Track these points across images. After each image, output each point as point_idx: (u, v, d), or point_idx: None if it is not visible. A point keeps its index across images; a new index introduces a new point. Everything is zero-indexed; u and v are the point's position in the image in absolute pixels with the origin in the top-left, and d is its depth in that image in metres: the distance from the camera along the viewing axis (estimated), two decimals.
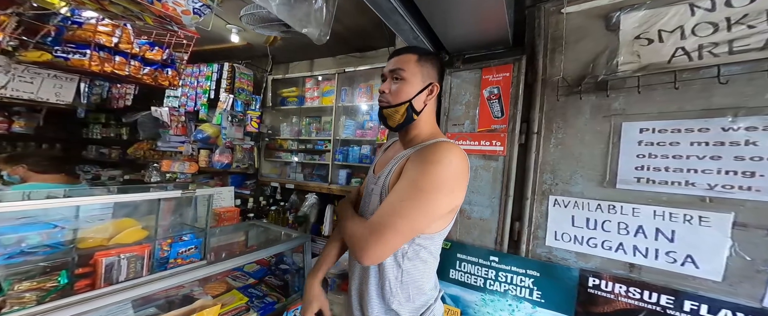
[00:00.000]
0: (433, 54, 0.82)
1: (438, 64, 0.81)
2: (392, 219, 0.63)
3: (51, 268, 0.69)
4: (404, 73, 0.75)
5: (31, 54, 0.90)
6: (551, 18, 1.20)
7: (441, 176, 0.65)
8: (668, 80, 0.97)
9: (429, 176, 0.64)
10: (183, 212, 1.01)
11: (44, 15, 0.85)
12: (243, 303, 1.31)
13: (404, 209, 0.63)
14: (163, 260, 0.88)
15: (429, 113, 0.80)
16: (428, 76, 0.77)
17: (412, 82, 0.75)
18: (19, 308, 0.63)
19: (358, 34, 2.16)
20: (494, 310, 1.27)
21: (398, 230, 0.63)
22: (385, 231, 0.63)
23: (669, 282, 0.97)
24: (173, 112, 2.87)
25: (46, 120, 2.95)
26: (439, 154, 0.66)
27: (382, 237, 0.63)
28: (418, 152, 0.70)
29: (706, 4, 0.92)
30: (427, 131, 0.80)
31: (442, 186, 0.65)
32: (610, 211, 1.07)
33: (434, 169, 0.64)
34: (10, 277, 0.65)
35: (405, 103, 0.75)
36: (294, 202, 2.72)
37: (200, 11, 0.87)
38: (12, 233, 0.64)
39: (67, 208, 0.72)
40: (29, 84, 1.11)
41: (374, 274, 0.76)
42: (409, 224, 0.64)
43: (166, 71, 1.24)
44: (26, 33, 0.86)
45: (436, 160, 0.65)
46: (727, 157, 0.89)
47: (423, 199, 0.63)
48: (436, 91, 0.79)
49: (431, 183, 0.64)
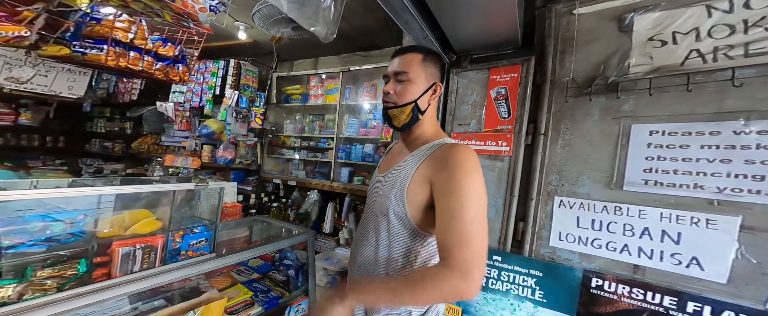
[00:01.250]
0: (436, 53, 0.82)
1: (440, 63, 0.81)
2: (476, 245, 0.62)
3: (71, 256, 0.70)
4: (409, 74, 0.76)
5: (52, 48, 0.92)
6: (562, 19, 1.20)
7: (481, 182, 0.66)
8: (680, 82, 0.97)
9: (477, 184, 0.65)
10: (193, 205, 1.02)
11: (66, 11, 0.87)
12: (248, 297, 1.33)
13: (479, 228, 0.63)
14: (175, 252, 0.89)
15: (432, 112, 0.81)
16: (432, 76, 0.78)
17: (417, 83, 0.76)
18: (40, 295, 0.64)
19: (363, 33, 2.17)
20: (496, 309, 1.28)
21: (484, 249, 0.63)
22: (478, 258, 0.61)
23: (673, 284, 0.97)
24: (178, 107, 2.88)
25: (53, 113, 2.96)
26: (472, 161, 0.67)
27: (478, 265, 0.61)
28: (445, 159, 0.69)
29: (724, 5, 0.92)
30: (431, 130, 0.81)
31: (484, 190, 0.66)
32: (616, 212, 1.07)
33: (477, 176, 0.66)
34: (32, 264, 0.67)
35: (410, 103, 0.75)
36: (296, 199, 2.74)
37: (216, 8, 0.88)
38: (38, 221, 0.66)
39: (89, 197, 0.74)
40: (44, 77, 1.13)
41: (383, 273, 0.76)
42: (486, 237, 0.64)
43: (177, 67, 1.25)
44: (47, 28, 0.88)
45: (472, 167, 0.66)
46: (738, 160, 0.90)
47: (482, 209, 0.64)
48: (439, 91, 0.79)
49: (482, 192, 0.65)
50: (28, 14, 0.84)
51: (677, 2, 0.98)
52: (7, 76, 1.01)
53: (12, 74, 1.02)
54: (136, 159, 3.71)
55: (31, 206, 0.68)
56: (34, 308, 0.64)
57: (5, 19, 0.84)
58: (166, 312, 0.95)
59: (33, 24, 0.85)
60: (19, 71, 1.03)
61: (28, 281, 0.66)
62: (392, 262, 0.75)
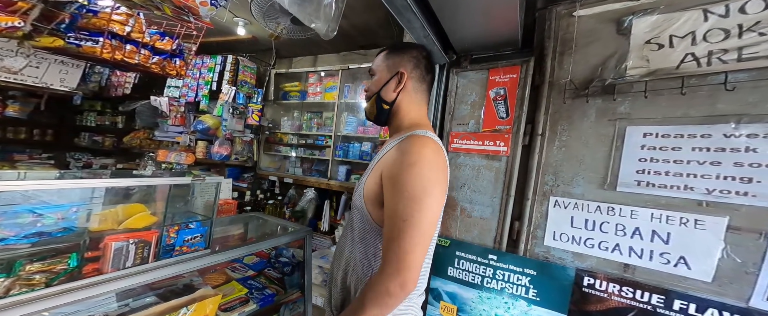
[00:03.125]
0: (407, 45, 0.82)
1: (412, 52, 0.80)
2: (406, 245, 0.59)
3: (61, 250, 0.69)
4: (374, 69, 0.82)
5: (45, 39, 0.89)
6: (562, 21, 1.22)
7: (423, 177, 0.62)
8: (675, 86, 0.99)
9: (416, 180, 0.61)
10: (188, 200, 1.01)
11: (62, 2, 0.86)
12: (243, 294, 1.31)
13: (412, 227, 0.60)
14: (169, 247, 0.88)
15: (406, 103, 0.79)
16: (395, 65, 0.78)
17: (379, 75, 0.80)
18: (27, 290, 0.62)
19: (363, 31, 2.16)
20: (490, 307, 1.29)
21: (416, 249, 0.60)
22: (407, 258, 0.59)
23: (661, 282, 1.00)
24: (173, 102, 2.83)
25: (44, 105, 2.88)
26: (416, 154, 0.63)
27: (406, 264, 0.59)
28: (397, 150, 0.67)
29: (720, 9, 0.93)
30: (407, 121, 0.79)
31: (430, 186, 0.62)
32: (609, 213, 1.09)
33: (417, 171, 0.61)
34: (21, 258, 0.65)
35: (373, 95, 0.80)
36: (292, 196, 2.72)
37: (217, 3, 0.87)
38: (28, 213, 0.64)
39: (82, 190, 0.72)
40: (35, 69, 1.09)
41: (343, 267, 0.76)
42: (420, 238, 0.60)
43: (175, 61, 1.23)
44: (41, 19, 0.86)
45: (414, 160, 0.62)
46: (727, 163, 0.92)
47: (422, 208, 0.60)
48: (405, 79, 0.77)
49: (422, 187, 0.61)
50: (23, 5, 0.82)
51: (675, 6, 1.00)
52: (0, 66, 0.98)
53: (4, 64, 0.99)
54: (127, 154, 3.63)
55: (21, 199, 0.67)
56: (19, 304, 0.61)
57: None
58: (158, 309, 0.93)
59: (27, 15, 0.82)
60: (11, 61, 1.00)
61: (16, 276, 0.64)
62: (352, 259, 0.74)
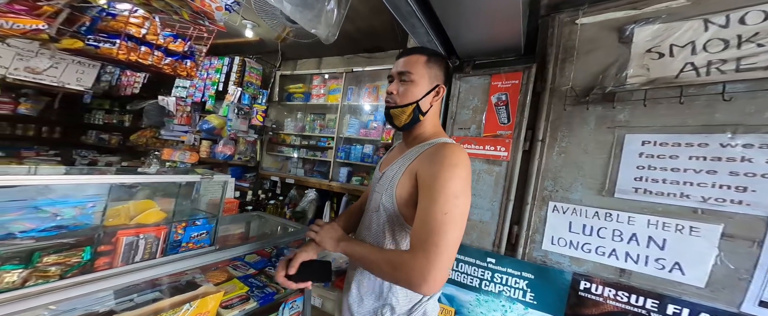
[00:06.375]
0: (442, 56, 0.83)
1: (445, 66, 0.82)
2: (444, 238, 0.60)
3: (75, 244, 0.72)
4: (412, 75, 0.76)
5: (67, 41, 0.94)
6: (565, 28, 1.23)
7: (463, 179, 0.66)
8: (674, 95, 1.00)
9: (457, 180, 0.64)
10: (194, 198, 1.04)
11: (85, 7, 0.90)
12: (244, 292, 1.33)
13: (451, 222, 0.61)
14: (176, 243, 0.90)
15: (433, 114, 0.82)
16: (436, 78, 0.79)
17: (420, 84, 0.77)
18: (42, 282, 0.65)
19: (368, 35, 2.20)
20: (488, 310, 1.30)
21: (452, 245, 0.61)
22: (443, 251, 0.59)
23: (655, 287, 1.01)
24: (180, 102, 2.89)
25: (51, 103, 2.94)
26: (456, 157, 0.67)
27: (440, 258, 0.59)
28: (433, 154, 0.70)
29: (720, 20, 0.94)
30: (430, 131, 0.82)
31: (467, 188, 0.66)
32: (606, 218, 1.11)
33: (459, 172, 0.65)
34: (39, 250, 0.68)
35: (412, 104, 0.76)
36: (293, 197, 2.74)
37: (231, 8, 0.91)
38: (49, 206, 0.67)
39: (100, 186, 0.75)
40: (55, 69, 1.14)
41: None
42: (457, 234, 0.62)
43: (186, 62, 1.28)
44: (64, 22, 0.90)
45: (456, 162, 0.66)
46: (723, 172, 0.93)
47: (460, 206, 0.63)
48: (442, 93, 0.80)
49: (462, 188, 0.64)
50: (48, 9, 0.86)
51: (677, 15, 1.01)
52: (25, 67, 1.03)
53: (29, 64, 1.04)
54: (132, 152, 3.68)
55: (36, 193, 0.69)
56: (32, 295, 0.63)
57: (25, 13, 0.86)
58: (162, 304, 0.95)
59: (53, 18, 0.87)
60: (36, 61, 1.05)
61: (34, 267, 0.67)
62: None
